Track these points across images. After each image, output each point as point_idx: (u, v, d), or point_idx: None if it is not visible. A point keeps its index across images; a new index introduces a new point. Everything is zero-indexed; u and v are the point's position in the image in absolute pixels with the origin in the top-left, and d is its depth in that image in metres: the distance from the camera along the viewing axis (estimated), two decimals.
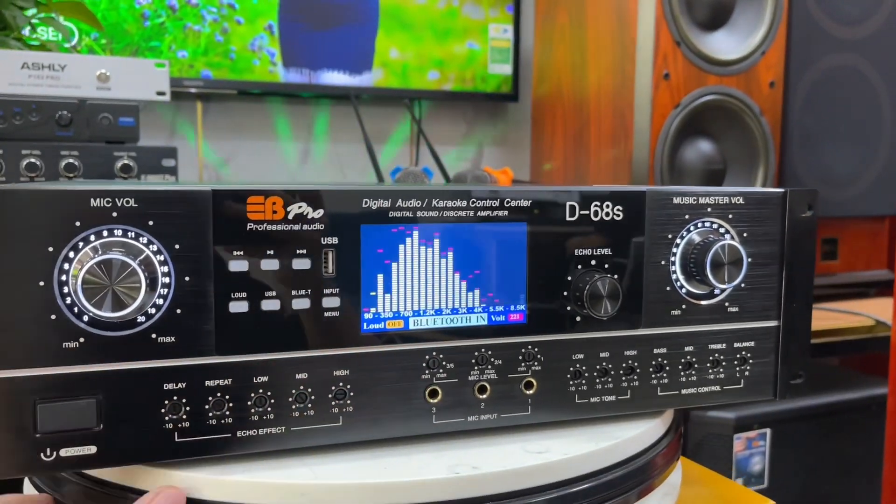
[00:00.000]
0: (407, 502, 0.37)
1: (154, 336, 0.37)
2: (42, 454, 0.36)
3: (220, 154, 1.27)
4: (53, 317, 0.35)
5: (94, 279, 0.34)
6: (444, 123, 1.45)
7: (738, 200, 0.47)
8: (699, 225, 0.47)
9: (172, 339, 0.37)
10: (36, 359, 0.35)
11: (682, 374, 0.47)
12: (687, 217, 0.46)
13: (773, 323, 0.49)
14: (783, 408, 1.16)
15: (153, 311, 0.37)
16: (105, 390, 0.36)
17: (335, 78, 1.28)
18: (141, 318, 0.37)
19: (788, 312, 0.49)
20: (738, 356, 0.49)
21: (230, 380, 0.38)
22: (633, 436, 0.45)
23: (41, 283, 0.35)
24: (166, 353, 0.37)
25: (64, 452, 0.36)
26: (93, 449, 0.36)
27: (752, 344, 0.49)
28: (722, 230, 0.47)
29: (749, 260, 0.48)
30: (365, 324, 0.41)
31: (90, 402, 0.36)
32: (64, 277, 0.35)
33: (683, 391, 0.48)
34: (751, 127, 1.22)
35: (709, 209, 0.47)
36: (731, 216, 0.47)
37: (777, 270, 0.49)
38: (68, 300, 0.35)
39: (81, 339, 0.36)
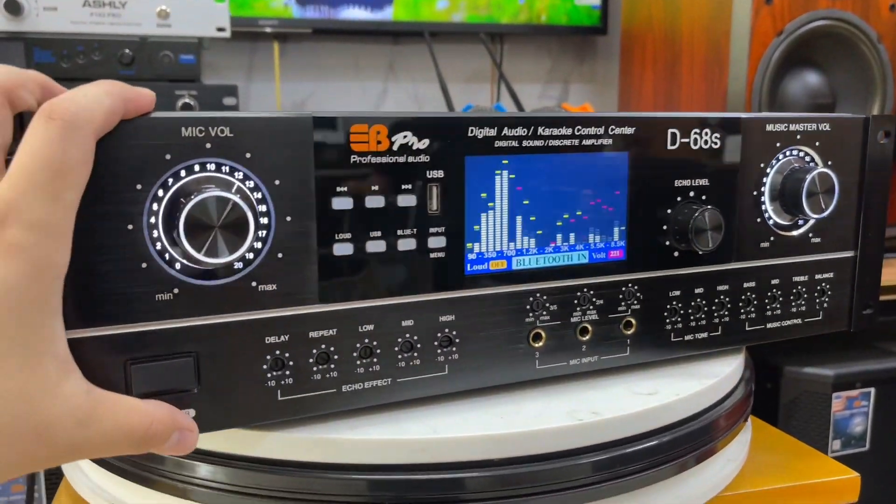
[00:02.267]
0: (534, 452, 0.35)
1: (254, 284, 0.33)
2: None
3: (297, 96, 1.19)
4: (144, 265, 0.31)
5: (201, 218, 0.30)
6: (526, 60, 1.37)
7: (825, 127, 0.46)
8: (788, 153, 0.45)
9: (273, 286, 0.33)
10: (127, 314, 0.31)
11: (767, 307, 0.46)
12: (778, 145, 0.44)
13: (850, 253, 0.48)
14: (890, 366, 1.06)
15: (251, 256, 0.32)
16: (203, 346, 0.32)
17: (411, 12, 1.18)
18: (239, 265, 0.32)
19: (864, 242, 0.48)
20: (818, 288, 0.48)
21: (335, 330, 0.35)
22: (730, 372, 0.44)
23: (129, 227, 0.30)
24: (267, 302, 0.33)
25: None
26: (192, 412, 0.32)
27: (832, 275, 0.48)
28: (808, 158, 0.46)
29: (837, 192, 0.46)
30: (469, 265, 0.37)
31: (187, 360, 0.32)
32: (153, 220, 0.31)
33: (768, 325, 0.46)
34: (866, 55, 1.11)
35: (798, 136, 0.45)
36: (817, 143, 0.46)
37: (856, 200, 0.48)
38: (158, 245, 0.31)
39: (175, 290, 0.31)
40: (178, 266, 0.31)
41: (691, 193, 0.42)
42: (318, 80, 1.20)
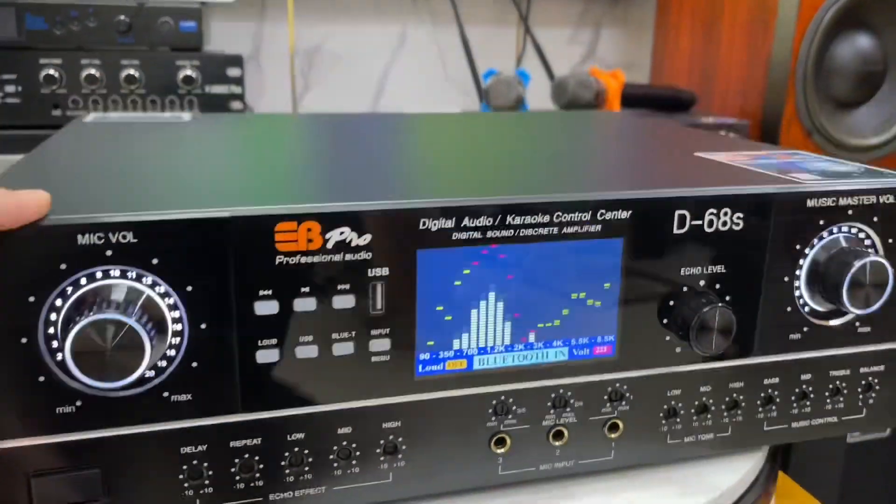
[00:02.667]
0: None
1: (166, 394, 0.30)
2: None
3: (312, 41, 1.17)
4: (42, 378, 0.29)
5: (88, 344, 0.27)
6: (556, 1, 1.29)
7: (889, 199, 0.38)
8: (835, 231, 0.37)
9: (188, 396, 0.30)
10: (27, 427, 0.29)
11: (794, 405, 0.40)
12: (822, 223, 0.37)
13: None
14: None
15: (164, 363, 0.30)
16: (110, 458, 0.30)
17: None
18: (150, 374, 0.30)
19: None
20: (863, 382, 0.41)
21: (260, 439, 0.32)
22: (732, 485, 0.38)
23: (23, 340, 0.28)
24: (182, 413, 0.31)
25: None
26: None
27: (882, 368, 0.41)
28: (864, 236, 0.38)
29: (894, 271, 0.39)
30: (420, 366, 0.33)
31: (93, 472, 0.30)
32: (52, 330, 0.28)
33: (794, 424, 0.40)
34: None
35: (850, 212, 0.37)
36: (876, 219, 0.38)
37: None
38: (59, 357, 0.29)
39: (78, 403, 0.29)
40: (78, 377, 0.29)
41: (701, 283, 0.36)
42: (335, 22, 1.15)
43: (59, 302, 0.28)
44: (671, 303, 0.36)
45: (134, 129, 0.51)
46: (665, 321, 0.36)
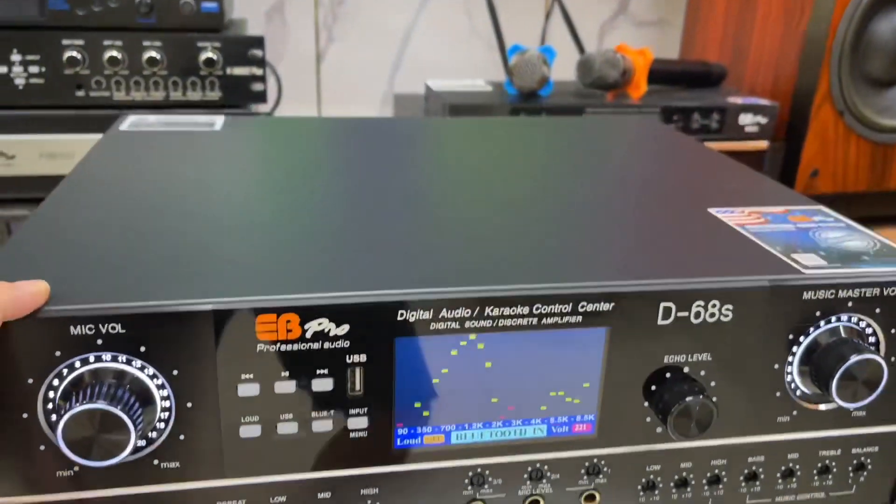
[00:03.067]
0: None
1: (156, 462, 0.33)
2: None
3: None
4: (42, 447, 0.31)
5: (77, 431, 0.30)
6: None
7: (893, 292, 0.36)
8: (834, 321, 0.37)
9: (176, 464, 0.33)
10: (30, 487, 0.32)
11: (779, 482, 0.40)
12: (818, 314, 0.36)
13: None
14: None
15: (154, 435, 0.32)
16: None
17: None
18: (141, 443, 0.32)
19: None
20: (854, 462, 0.40)
21: (244, 501, 0.34)
22: None
23: (24, 416, 0.31)
24: (170, 477, 0.33)
25: None
26: None
27: (876, 449, 0.40)
28: (864, 325, 0.37)
29: (894, 359, 0.38)
30: (399, 440, 0.35)
31: None
32: (50, 406, 0.31)
33: (778, 498, 0.40)
34: None
35: (850, 303, 0.36)
36: (879, 311, 0.37)
37: None
38: (59, 429, 0.31)
39: (76, 468, 0.32)
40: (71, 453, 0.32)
41: (686, 370, 0.36)
42: None
43: (55, 382, 0.31)
44: (653, 387, 0.36)
45: (185, 148, 0.53)
46: (647, 403, 0.36)
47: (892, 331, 0.37)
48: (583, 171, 0.54)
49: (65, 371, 0.31)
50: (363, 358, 0.33)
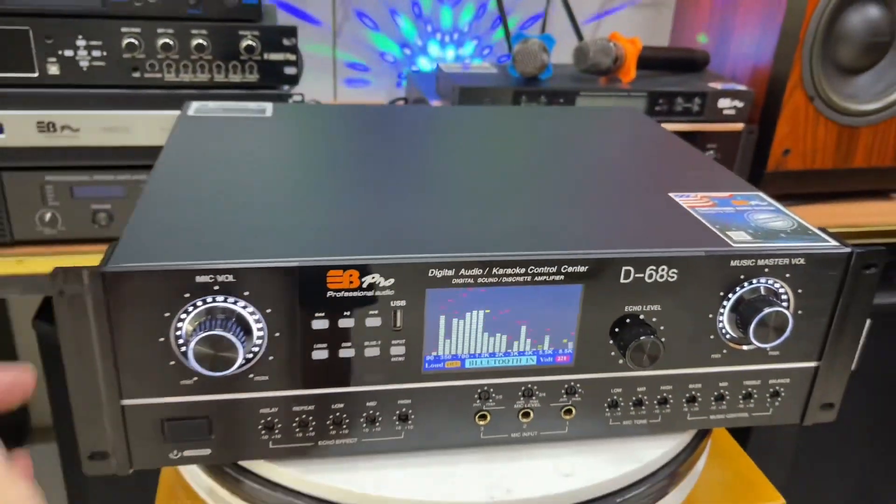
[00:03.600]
0: None
1: (251, 376, 0.45)
2: (170, 454, 0.46)
3: None
4: (172, 363, 0.44)
5: (203, 351, 0.42)
6: None
7: (799, 261, 0.48)
8: (754, 282, 0.49)
9: (266, 377, 0.45)
10: (163, 391, 0.44)
11: (713, 404, 0.52)
12: (742, 277, 0.48)
13: (812, 364, 0.52)
14: (889, 301, 1.18)
15: (251, 356, 0.44)
16: (214, 413, 0.45)
17: None
18: (242, 361, 0.44)
19: (831, 355, 0.52)
20: (770, 390, 0.53)
21: (313, 406, 0.47)
22: (656, 457, 0.51)
23: (161, 340, 0.43)
24: (261, 387, 0.45)
25: (186, 453, 0.46)
26: (207, 451, 0.46)
27: (788, 381, 0.53)
28: (779, 287, 0.49)
29: (800, 313, 0.50)
30: (426, 364, 0.47)
31: (202, 421, 0.45)
32: (179, 333, 0.43)
33: (712, 416, 0.53)
34: None
35: (766, 269, 0.48)
36: (788, 275, 0.49)
37: (827, 320, 0.51)
38: (183, 349, 0.43)
39: (194, 378, 0.44)
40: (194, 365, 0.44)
41: (641, 316, 0.48)
42: None
43: (183, 315, 0.43)
44: (616, 329, 0.48)
45: (248, 132, 0.65)
46: (612, 341, 0.49)
47: (799, 290, 0.49)
48: (569, 158, 0.66)
49: (190, 308, 0.43)
50: (403, 303, 0.45)
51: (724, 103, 1.08)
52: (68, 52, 0.86)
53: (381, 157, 0.62)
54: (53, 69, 0.86)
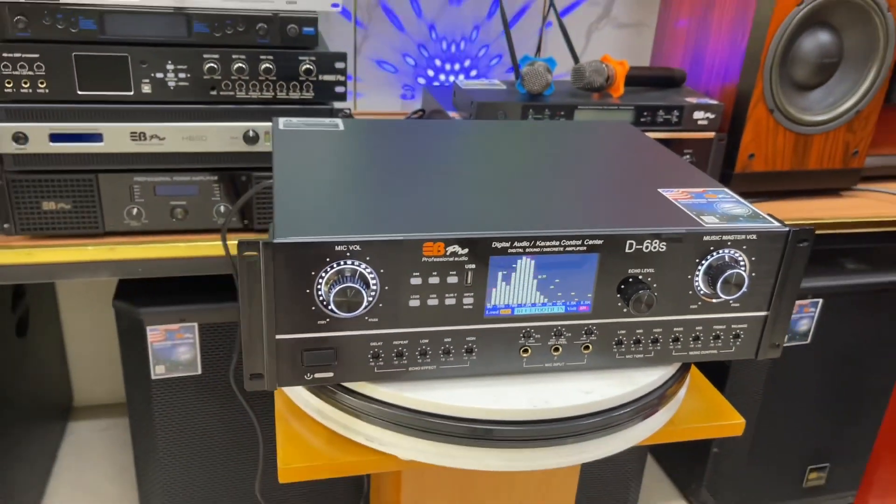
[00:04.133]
0: (502, 419, 0.65)
1: (366, 318, 0.63)
2: (305, 375, 0.64)
3: None
4: (313, 308, 0.62)
5: (340, 297, 0.60)
6: None
7: (752, 237, 0.68)
8: (721, 252, 0.68)
9: (377, 319, 0.64)
10: (304, 328, 0.63)
11: (691, 343, 0.71)
12: (711, 248, 0.67)
13: (763, 313, 0.72)
14: (838, 283, 1.39)
15: (367, 304, 0.63)
16: (339, 345, 0.64)
17: None
18: (360, 310, 0.63)
19: (776, 307, 0.71)
20: (733, 333, 0.72)
21: (407, 341, 0.65)
22: (649, 381, 0.70)
23: (307, 291, 0.61)
24: (372, 326, 0.64)
25: (316, 375, 0.65)
26: (331, 374, 0.65)
27: (745, 326, 0.72)
28: (737, 256, 0.68)
29: (753, 274, 0.69)
30: (486, 311, 0.66)
31: (330, 351, 0.64)
32: (319, 287, 0.61)
33: (691, 352, 0.72)
34: (875, 22, 1.29)
35: (729, 243, 0.68)
36: (745, 247, 0.68)
37: (773, 281, 0.70)
38: (321, 299, 0.62)
39: (327, 320, 0.63)
40: (329, 309, 0.62)
41: (640, 276, 0.67)
42: None
43: (323, 274, 0.61)
44: (622, 286, 0.67)
45: (332, 142, 0.83)
46: (619, 295, 0.68)
47: (753, 258, 0.69)
48: (582, 163, 0.85)
49: (329, 269, 0.61)
50: (473, 266, 0.64)
51: (698, 115, 1.28)
52: (159, 75, 1.04)
53: (444, 159, 0.81)
54: (146, 88, 1.04)
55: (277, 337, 0.62)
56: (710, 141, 1.31)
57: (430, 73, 1.60)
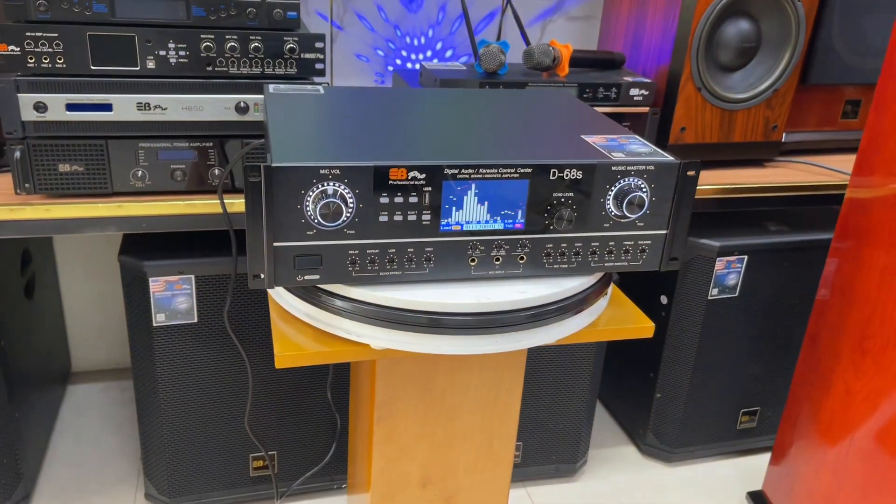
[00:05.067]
0: (454, 311, 0.82)
1: (346, 230, 0.80)
2: (297, 277, 0.81)
3: None
4: (302, 220, 0.79)
5: (324, 210, 0.77)
6: None
7: (651, 168, 0.86)
8: (627, 179, 0.85)
9: (353, 231, 0.80)
10: (296, 237, 0.79)
11: (606, 256, 0.89)
12: (619, 176, 0.85)
13: (663, 231, 0.89)
14: (761, 241, 1.57)
15: (345, 218, 0.79)
16: (324, 252, 0.80)
17: None
18: (341, 223, 0.79)
19: (673, 226, 0.89)
20: (640, 249, 0.90)
21: (378, 250, 0.82)
22: (572, 286, 0.88)
23: (298, 207, 0.78)
24: (350, 237, 0.81)
25: (306, 276, 0.81)
26: (317, 276, 0.81)
27: (650, 242, 0.90)
28: (640, 183, 0.86)
29: (653, 199, 0.87)
30: (441, 227, 0.83)
31: (317, 257, 0.80)
32: (307, 203, 0.78)
33: (606, 263, 0.90)
34: (787, 11, 1.49)
35: (632, 171, 0.85)
36: (646, 175, 0.86)
37: (670, 204, 0.88)
38: (309, 213, 0.78)
39: (314, 231, 0.79)
40: (315, 222, 0.78)
41: (562, 199, 0.85)
42: None
43: (311, 193, 0.78)
44: (548, 207, 0.84)
45: (315, 100, 1.00)
46: (545, 215, 0.85)
47: (652, 185, 0.86)
48: (524, 118, 1.02)
49: (315, 188, 0.77)
50: (430, 189, 0.81)
51: (634, 92, 1.46)
52: (162, 52, 1.20)
53: (410, 113, 0.98)
54: (151, 64, 1.20)
55: (275, 244, 0.79)
56: (646, 115, 1.49)
57: (398, 62, 1.78)
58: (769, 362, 1.72)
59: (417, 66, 1.79)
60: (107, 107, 1.20)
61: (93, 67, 1.18)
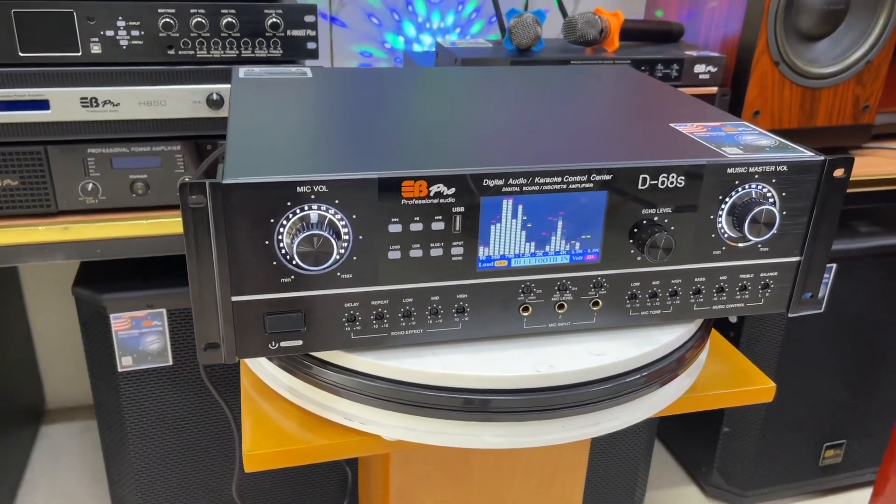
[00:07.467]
0: (500, 388, 0.56)
1: (339, 273, 0.54)
2: (269, 345, 0.55)
3: None
4: (275, 262, 0.52)
5: (305, 247, 0.51)
6: None
7: (783, 168, 0.59)
8: (747, 187, 0.59)
9: (350, 275, 0.54)
10: (266, 288, 0.53)
11: (714, 295, 0.62)
12: (737, 183, 0.58)
13: (795, 258, 0.62)
14: (851, 246, 1.30)
15: (338, 256, 0.53)
16: (307, 307, 0.54)
17: None
18: (329, 264, 0.53)
19: (810, 251, 0.62)
20: (762, 283, 0.63)
21: (387, 300, 0.56)
22: (668, 341, 0.61)
23: (266, 242, 0.52)
24: (346, 284, 0.54)
25: (283, 344, 0.55)
26: (299, 342, 0.55)
27: (776, 274, 0.63)
28: (766, 191, 0.59)
29: (784, 213, 0.60)
30: (480, 263, 0.56)
31: (298, 315, 0.54)
32: (280, 237, 0.52)
33: (714, 307, 0.63)
34: None
35: (756, 176, 0.58)
36: (774, 180, 0.59)
37: (807, 219, 0.61)
38: (283, 251, 0.52)
39: (292, 276, 0.53)
40: (294, 263, 0.53)
41: (655, 218, 0.58)
42: None
43: (285, 221, 0.51)
44: (635, 230, 0.58)
45: (300, 87, 0.73)
46: (631, 240, 0.58)
47: (783, 194, 0.59)
48: (582, 102, 0.76)
49: (291, 214, 0.51)
50: (461, 209, 0.54)
51: (699, 69, 1.19)
52: (109, 32, 0.94)
53: (427, 101, 0.71)
54: (96, 48, 0.94)
55: (233, 299, 0.53)
56: (713, 97, 1.22)
57: (402, 38, 1.51)
58: (858, 387, 1.45)
59: (433, 48, 1.52)
60: (42, 104, 0.94)
61: (21, 55, 0.92)
